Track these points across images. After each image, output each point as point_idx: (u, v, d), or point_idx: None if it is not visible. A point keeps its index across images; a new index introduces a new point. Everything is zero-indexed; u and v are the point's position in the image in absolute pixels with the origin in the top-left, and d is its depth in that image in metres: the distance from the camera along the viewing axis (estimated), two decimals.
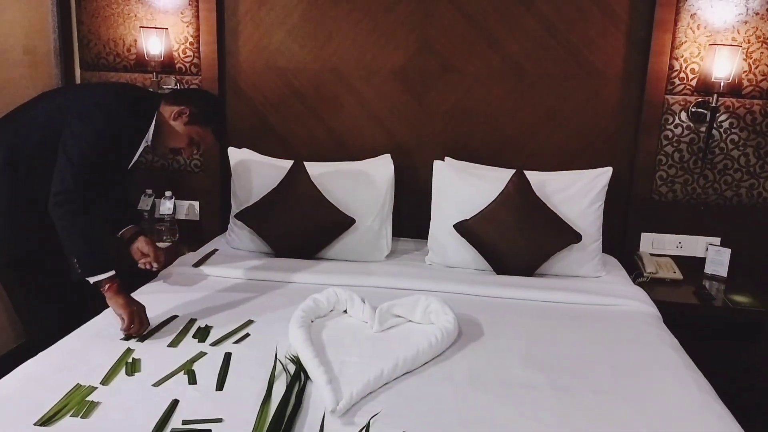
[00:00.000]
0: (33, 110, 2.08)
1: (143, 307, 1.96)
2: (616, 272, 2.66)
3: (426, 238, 2.74)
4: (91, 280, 1.93)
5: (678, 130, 2.83)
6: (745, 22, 2.70)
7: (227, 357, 1.79)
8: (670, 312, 2.34)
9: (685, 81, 2.78)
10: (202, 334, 1.94)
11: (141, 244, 2.29)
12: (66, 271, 1.95)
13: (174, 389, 1.61)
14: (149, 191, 3.07)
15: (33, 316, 2.18)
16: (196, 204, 3.14)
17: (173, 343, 1.87)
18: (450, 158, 2.83)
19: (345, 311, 2.12)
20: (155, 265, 2.28)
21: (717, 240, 2.85)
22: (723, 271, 2.77)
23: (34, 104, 2.13)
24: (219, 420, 1.48)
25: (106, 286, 1.93)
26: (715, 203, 2.87)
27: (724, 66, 2.60)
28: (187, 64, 3.05)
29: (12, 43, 2.74)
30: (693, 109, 2.80)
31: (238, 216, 2.73)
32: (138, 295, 2.22)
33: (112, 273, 1.94)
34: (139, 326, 1.90)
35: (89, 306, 2.10)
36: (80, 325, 1.97)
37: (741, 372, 2.58)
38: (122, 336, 1.89)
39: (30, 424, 1.44)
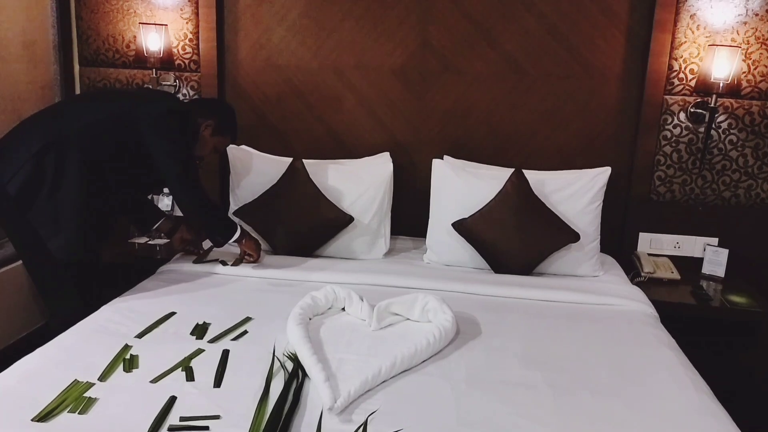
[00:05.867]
0: (94, 114, 2.19)
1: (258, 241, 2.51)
2: (614, 272, 2.66)
3: (424, 236, 2.74)
4: (230, 241, 2.41)
5: (677, 131, 2.84)
6: (745, 23, 2.70)
7: (225, 354, 1.79)
8: (668, 312, 2.35)
9: (684, 81, 2.79)
10: (200, 330, 1.94)
11: (184, 233, 2.59)
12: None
13: (172, 386, 1.62)
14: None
15: (56, 297, 2.21)
16: None
17: (171, 340, 1.87)
18: (449, 157, 2.83)
19: (343, 309, 2.12)
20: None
21: (714, 240, 2.85)
22: (720, 272, 2.77)
23: (90, 107, 2.26)
24: (216, 417, 1.48)
25: (243, 241, 2.43)
26: (713, 204, 2.87)
27: (723, 67, 2.60)
28: (187, 61, 3.05)
29: (11, 38, 2.74)
30: (692, 110, 2.80)
31: (236, 213, 2.73)
32: (138, 291, 2.23)
33: (239, 232, 2.41)
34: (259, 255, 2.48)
35: (104, 292, 2.18)
36: (98, 308, 2.02)
37: (738, 372, 2.58)
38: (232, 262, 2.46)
39: (27, 420, 1.44)
